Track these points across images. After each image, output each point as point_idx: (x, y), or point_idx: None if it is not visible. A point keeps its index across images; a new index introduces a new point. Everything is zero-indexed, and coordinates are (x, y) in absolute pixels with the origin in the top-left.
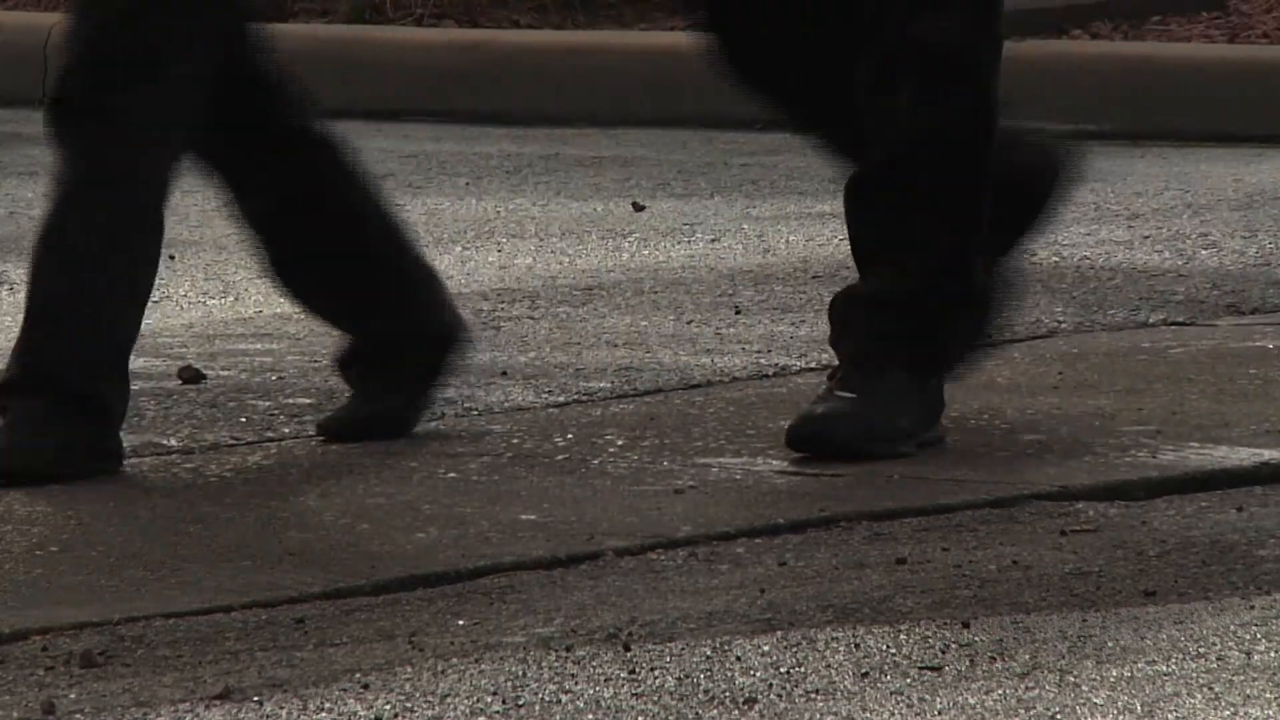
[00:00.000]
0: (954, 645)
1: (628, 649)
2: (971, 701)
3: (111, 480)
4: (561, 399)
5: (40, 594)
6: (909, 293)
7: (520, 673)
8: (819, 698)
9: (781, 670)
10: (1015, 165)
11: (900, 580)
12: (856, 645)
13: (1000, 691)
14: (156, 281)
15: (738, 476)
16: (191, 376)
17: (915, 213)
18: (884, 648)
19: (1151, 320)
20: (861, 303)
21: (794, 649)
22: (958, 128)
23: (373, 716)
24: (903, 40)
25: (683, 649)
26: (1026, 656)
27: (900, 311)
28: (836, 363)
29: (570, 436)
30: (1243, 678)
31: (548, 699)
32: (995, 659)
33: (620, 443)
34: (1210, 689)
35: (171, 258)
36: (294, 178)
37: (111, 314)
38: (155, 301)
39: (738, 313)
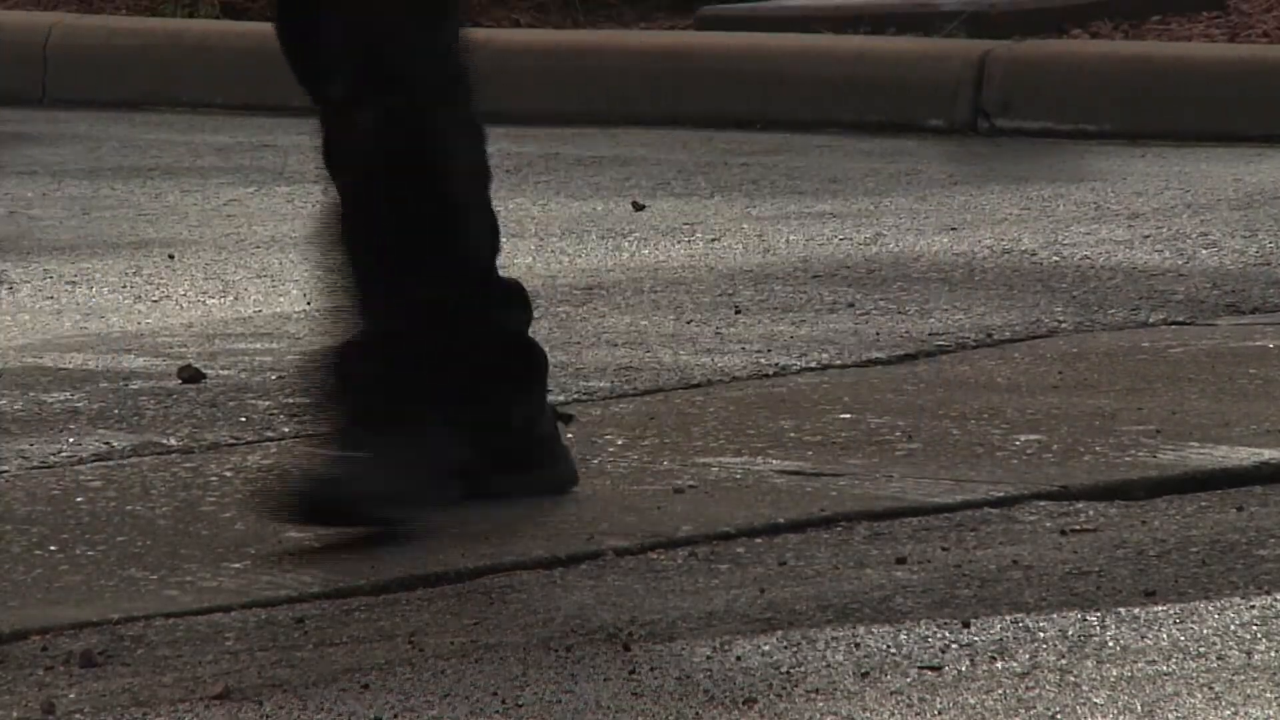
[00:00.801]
0: (954, 645)
1: (628, 649)
2: (971, 701)
3: (112, 480)
4: (561, 398)
5: (40, 594)
6: (391, 339)
7: (520, 673)
8: (819, 698)
9: (781, 670)
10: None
11: (900, 580)
12: (856, 645)
13: (1000, 691)
14: (157, 281)
15: (738, 476)
16: (191, 376)
17: (383, 255)
18: (884, 647)
19: (1151, 320)
20: (353, 351)
21: (794, 649)
22: (414, 167)
23: (372, 716)
24: (362, 68)
25: (683, 649)
26: (1026, 656)
27: (389, 359)
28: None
29: (570, 436)
30: (1243, 678)
31: (548, 699)
32: (995, 659)
33: (620, 442)
34: (1210, 689)
35: (171, 257)
36: None
37: None
38: (155, 301)
39: (737, 312)
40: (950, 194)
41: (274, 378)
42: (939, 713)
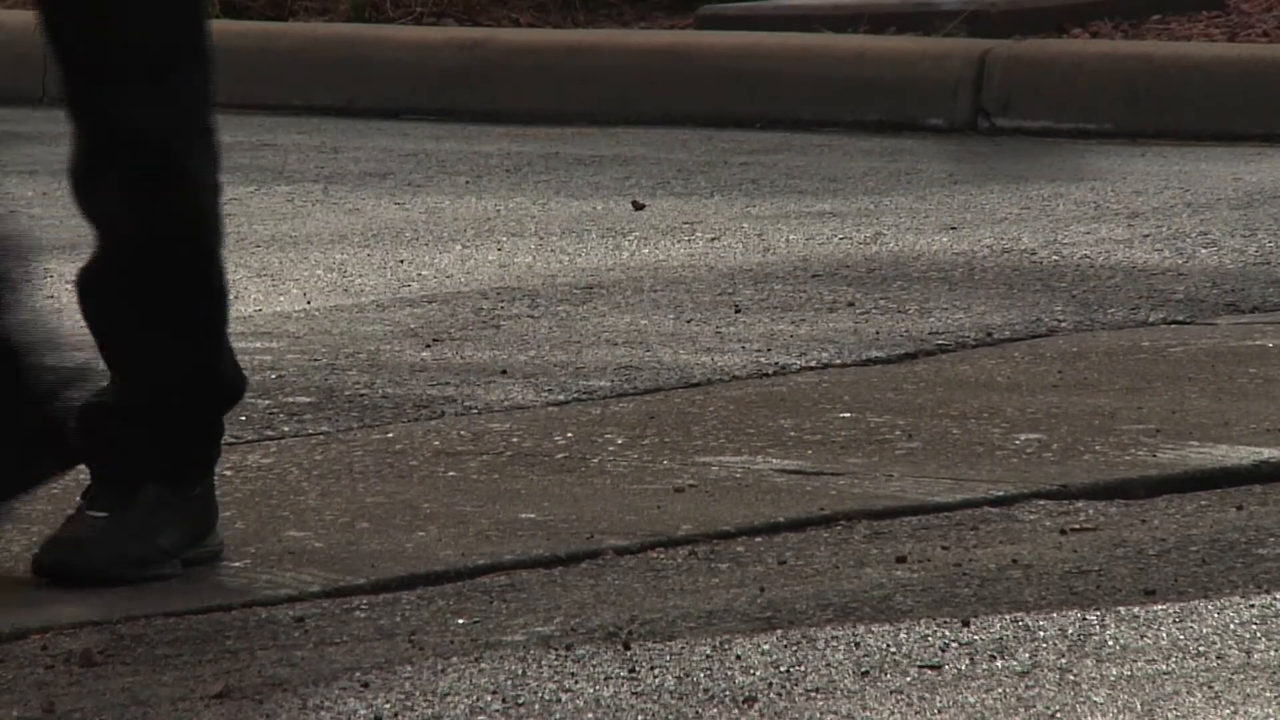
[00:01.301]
0: (954, 644)
1: (628, 648)
2: (971, 701)
3: None
4: (561, 397)
5: (40, 593)
6: (153, 401)
7: (520, 672)
8: (819, 697)
9: (781, 669)
10: None
11: (900, 579)
12: (856, 644)
13: (1000, 691)
14: None
15: (738, 475)
16: None
17: (142, 317)
18: (884, 646)
19: (1151, 319)
20: (108, 413)
21: (794, 648)
22: (168, 232)
23: (372, 715)
24: (105, 127)
25: (683, 648)
26: (1026, 656)
27: (147, 421)
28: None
29: (570, 435)
30: (1243, 677)
31: (548, 698)
32: (995, 658)
33: (620, 441)
34: (1210, 688)
35: None
36: None
37: None
38: None
39: (737, 311)
40: (950, 193)
41: (274, 377)
42: (939, 712)
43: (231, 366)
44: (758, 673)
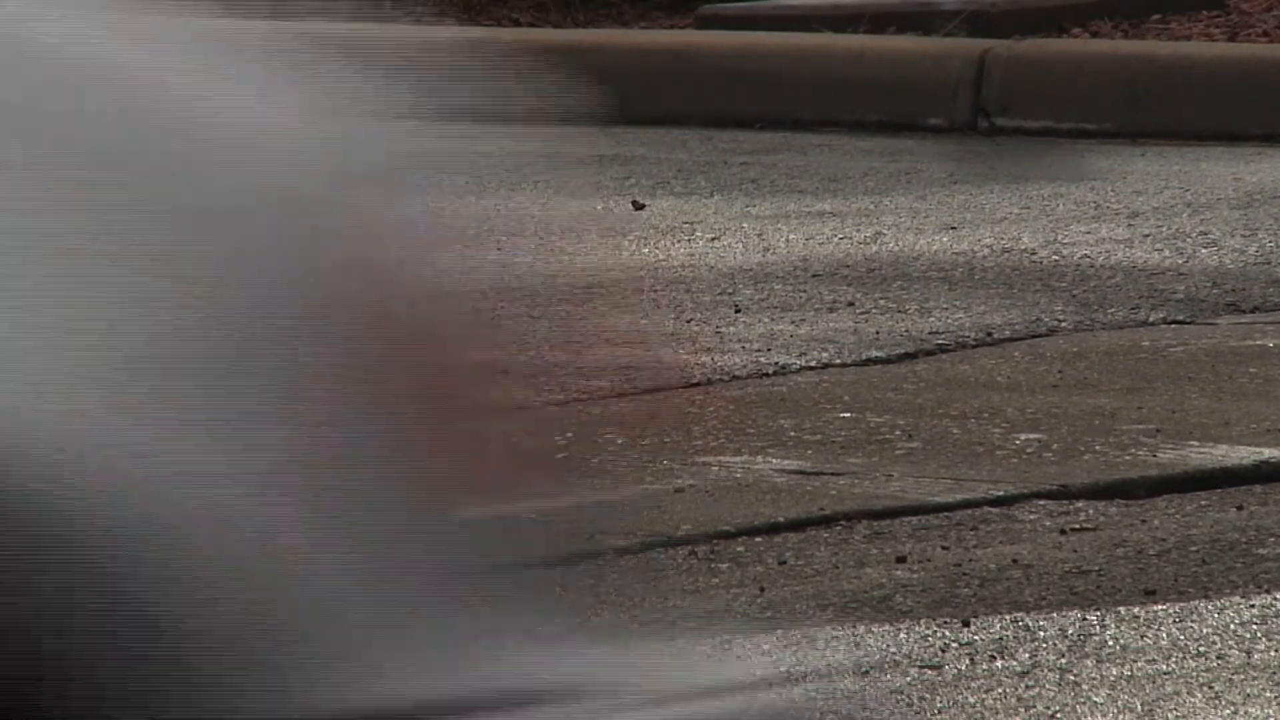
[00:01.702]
0: (954, 644)
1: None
2: (971, 701)
3: None
4: (561, 397)
5: None
6: None
7: None
8: (819, 697)
9: (781, 669)
10: None
11: (900, 579)
12: (856, 644)
13: (1000, 691)
14: None
15: (738, 475)
16: None
17: None
18: (884, 646)
19: (1151, 319)
20: None
21: (794, 648)
22: None
23: None
24: None
25: (683, 649)
26: (1026, 656)
27: None
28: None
29: (570, 435)
30: (1243, 677)
31: None
32: (995, 658)
33: (620, 441)
34: (1210, 688)
35: None
36: None
37: None
38: None
39: (737, 311)
40: (950, 193)
41: None
42: (939, 712)
43: None
44: (758, 673)
